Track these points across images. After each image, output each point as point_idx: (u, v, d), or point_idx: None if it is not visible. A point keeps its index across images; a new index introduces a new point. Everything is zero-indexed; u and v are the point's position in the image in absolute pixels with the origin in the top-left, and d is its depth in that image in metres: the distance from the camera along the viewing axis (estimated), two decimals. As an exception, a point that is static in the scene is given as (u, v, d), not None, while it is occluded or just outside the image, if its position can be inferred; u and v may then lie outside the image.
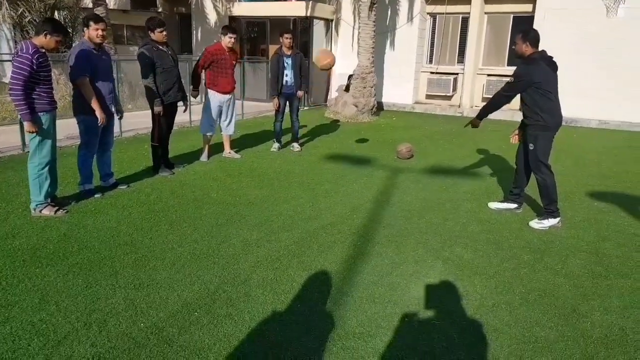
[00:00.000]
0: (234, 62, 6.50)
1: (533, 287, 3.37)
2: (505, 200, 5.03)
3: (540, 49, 4.43)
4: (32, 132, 4.18)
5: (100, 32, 4.63)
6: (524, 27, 11.63)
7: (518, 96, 4.52)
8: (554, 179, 4.52)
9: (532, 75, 4.32)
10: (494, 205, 5.00)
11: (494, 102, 4.65)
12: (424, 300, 3.15)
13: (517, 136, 4.82)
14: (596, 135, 9.82)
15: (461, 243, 4.10)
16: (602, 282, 3.46)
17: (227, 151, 6.95)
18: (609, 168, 6.84)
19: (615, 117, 10.75)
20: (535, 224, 4.54)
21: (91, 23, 4.61)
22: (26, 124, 4.16)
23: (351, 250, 3.89)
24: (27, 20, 9.99)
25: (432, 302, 3.14)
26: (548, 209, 4.54)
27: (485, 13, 12.27)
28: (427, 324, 2.88)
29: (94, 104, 4.61)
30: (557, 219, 4.53)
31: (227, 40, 6.34)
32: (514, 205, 4.91)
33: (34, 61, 4.03)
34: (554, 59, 4.44)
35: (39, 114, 4.21)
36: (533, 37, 4.43)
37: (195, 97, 6.62)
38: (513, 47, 4.60)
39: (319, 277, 3.43)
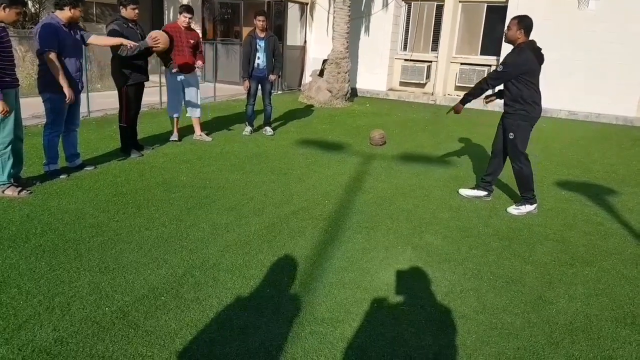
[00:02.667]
0: (191, 40, 6.33)
1: (501, 274, 3.43)
2: (476, 187, 5.07)
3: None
4: (4, 113, 4.00)
5: (81, 14, 4.67)
6: (498, 15, 11.92)
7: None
8: (531, 168, 4.60)
9: (521, 65, 4.32)
10: (464, 192, 5.06)
11: (479, 88, 4.62)
12: (393, 286, 3.18)
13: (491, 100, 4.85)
14: (565, 126, 10.07)
15: (431, 230, 4.14)
16: (567, 270, 3.54)
17: (198, 134, 6.83)
18: (576, 158, 7.02)
19: (583, 108, 11.02)
20: (513, 209, 4.62)
21: (80, 4, 4.59)
22: None
23: (322, 235, 3.88)
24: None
25: (401, 288, 3.16)
26: (525, 195, 4.62)
27: (460, 1, 12.34)
28: (396, 310, 2.90)
29: (62, 80, 4.47)
30: (534, 206, 4.62)
31: (182, 20, 6.24)
32: (484, 193, 4.98)
33: None
34: (542, 51, 4.45)
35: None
36: (528, 25, 4.37)
37: (172, 69, 6.24)
38: (505, 31, 4.52)
39: (289, 262, 3.42)
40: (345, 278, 3.23)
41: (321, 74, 11.59)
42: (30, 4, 11.81)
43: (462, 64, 12.42)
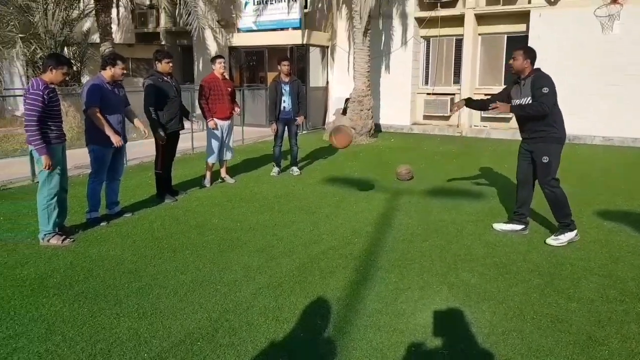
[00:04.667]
0: (229, 89, 6.64)
1: (545, 312, 3.27)
2: (510, 221, 4.92)
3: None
4: (48, 167, 4.26)
5: (124, 71, 4.99)
6: (519, 45, 11.89)
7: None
8: (563, 190, 4.47)
9: (554, 87, 4.32)
10: (499, 226, 4.92)
11: (539, 111, 4.29)
12: (430, 328, 3.09)
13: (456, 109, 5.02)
14: (600, 152, 9.80)
15: (467, 267, 4.05)
16: (617, 307, 3.34)
17: (223, 175, 7.05)
18: (616, 185, 6.75)
19: (618, 133, 10.74)
20: (553, 240, 4.46)
21: (119, 62, 4.91)
22: (43, 158, 4.24)
23: (354, 275, 3.87)
24: (38, 56, 10.36)
25: (439, 330, 3.07)
26: (563, 222, 4.46)
27: (479, 34, 12.49)
28: (435, 354, 2.82)
29: (107, 130, 4.76)
30: (574, 232, 4.44)
31: (219, 67, 6.53)
32: (520, 226, 4.81)
33: (45, 97, 4.18)
34: None
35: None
36: (534, 55, 4.48)
37: (213, 127, 6.54)
38: (510, 62, 4.59)
39: (321, 304, 3.40)
40: (380, 320, 3.18)
41: (344, 112, 11.79)
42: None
43: (485, 94, 12.40)
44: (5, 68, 11.49)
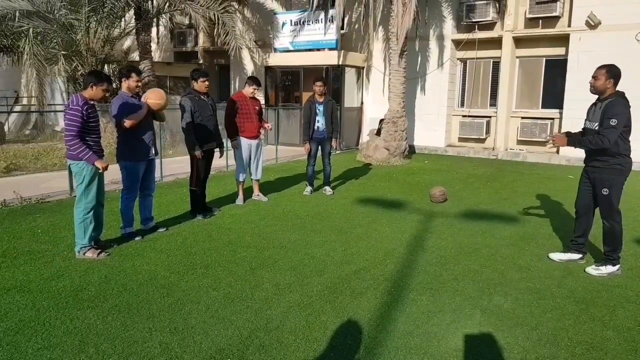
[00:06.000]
0: (256, 107, 6.72)
1: (579, 340, 3.20)
2: (568, 250, 4.73)
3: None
4: (104, 169, 4.44)
5: (140, 83, 5.04)
6: (557, 69, 11.72)
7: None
8: (622, 226, 4.33)
9: (628, 117, 4.10)
10: (556, 256, 4.69)
11: (597, 144, 4.14)
12: (462, 352, 3.04)
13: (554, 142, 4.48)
14: None
15: (500, 291, 3.96)
16: (654, 336, 3.25)
17: (256, 194, 7.12)
18: (657, 213, 6.53)
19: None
20: (593, 270, 4.32)
21: (133, 74, 4.98)
22: (97, 163, 4.40)
23: (385, 296, 3.82)
24: (79, 73, 10.79)
25: (471, 355, 3.02)
26: (609, 255, 4.32)
27: (517, 57, 12.34)
28: (466, 377, 2.76)
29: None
30: (617, 267, 4.30)
31: (251, 91, 6.61)
32: (578, 256, 4.62)
33: (84, 113, 4.32)
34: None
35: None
36: (618, 74, 4.13)
37: (236, 147, 6.65)
38: (591, 81, 4.26)
39: (352, 324, 3.37)
40: (411, 343, 3.13)
41: (378, 133, 11.80)
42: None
43: (523, 118, 12.22)
44: (47, 84, 12.01)
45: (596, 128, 4.22)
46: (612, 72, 4.17)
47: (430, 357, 2.97)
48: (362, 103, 14.31)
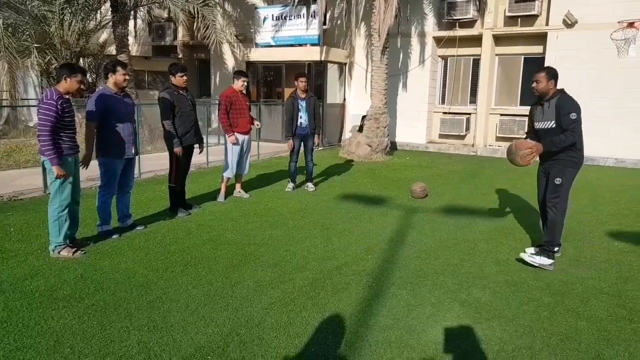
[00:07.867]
0: (248, 103, 6.72)
1: (555, 330, 3.27)
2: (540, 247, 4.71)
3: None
4: (61, 177, 4.27)
5: (127, 77, 4.90)
6: (535, 66, 11.89)
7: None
8: (565, 220, 4.41)
9: (580, 110, 4.21)
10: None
11: (569, 142, 4.22)
12: (442, 344, 3.07)
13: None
14: (613, 174, 9.70)
15: (479, 285, 4.02)
16: (626, 326, 3.34)
17: (237, 190, 7.07)
18: (628, 207, 6.71)
19: (631, 155, 10.66)
20: (527, 256, 4.37)
21: (119, 68, 4.83)
22: (54, 169, 4.22)
23: (366, 291, 3.84)
24: (53, 67, 10.45)
25: (450, 346, 3.05)
26: (546, 247, 4.37)
27: (496, 55, 12.48)
28: (445, 370, 2.79)
29: (87, 144, 4.64)
30: (551, 262, 4.32)
31: (240, 84, 6.59)
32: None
33: (58, 107, 4.17)
34: None
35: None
36: (556, 74, 4.36)
37: (236, 143, 6.59)
38: (533, 85, 4.43)
39: (333, 319, 3.38)
40: (391, 336, 3.15)
41: (361, 129, 11.82)
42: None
43: (501, 115, 12.38)
44: (20, 77, 11.61)
45: (552, 126, 4.32)
46: (551, 74, 4.37)
47: (410, 350, 3.00)
48: (344, 99, 14.32)
